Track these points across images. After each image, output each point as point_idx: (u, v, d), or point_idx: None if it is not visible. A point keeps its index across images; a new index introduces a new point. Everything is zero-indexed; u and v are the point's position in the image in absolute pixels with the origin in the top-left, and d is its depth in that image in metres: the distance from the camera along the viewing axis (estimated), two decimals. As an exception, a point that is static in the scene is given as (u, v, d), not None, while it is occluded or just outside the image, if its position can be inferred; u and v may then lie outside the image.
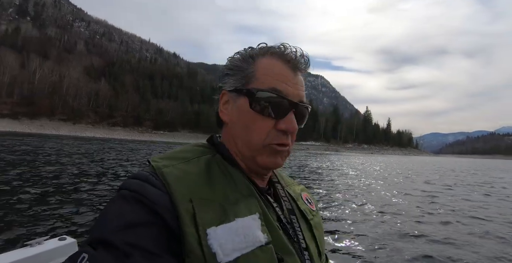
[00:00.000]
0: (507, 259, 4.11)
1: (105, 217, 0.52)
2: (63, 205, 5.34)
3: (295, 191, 0.81)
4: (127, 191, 0.54)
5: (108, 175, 9.18)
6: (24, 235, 3.85)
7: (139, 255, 0.46)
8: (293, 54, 0.66)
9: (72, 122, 75.34)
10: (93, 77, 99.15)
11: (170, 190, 0.53)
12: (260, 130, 0.63)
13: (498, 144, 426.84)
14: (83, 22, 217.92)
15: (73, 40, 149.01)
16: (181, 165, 0.60)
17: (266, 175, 0.71)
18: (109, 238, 0.47)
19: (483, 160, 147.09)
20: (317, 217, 0.80)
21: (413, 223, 5.82)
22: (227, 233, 0.52)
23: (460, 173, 22.77)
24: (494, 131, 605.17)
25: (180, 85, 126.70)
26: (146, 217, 0.50)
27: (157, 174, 0.56)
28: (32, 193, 6.09)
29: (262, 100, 0.63)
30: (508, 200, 9.52)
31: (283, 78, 0.65)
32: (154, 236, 0.48)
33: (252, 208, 0.58)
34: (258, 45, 0.70)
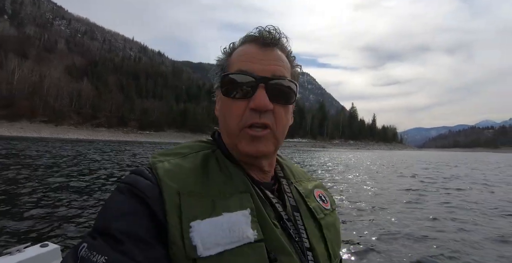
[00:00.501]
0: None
1: (103, 209, 0.55)
2: (45, 210, 5.21)
3: (306, 187, 0.77)
4: (122, 184, 0.57)
5: (93, 179, 9.07)
6: (3, 242, 3.74)
7: (130, 242, 0.48)
8: (257, 33, 0.65)
9: (54, 124, 73.36)
10: (75, 77, 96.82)
11: (160, 183, 0.55)
12: (234, 114, 0.62)
13: (478, 137, 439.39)
14: (63, 20, 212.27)
15: (53, 39, 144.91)
16: (176, 160, 0.62)
17: (261, 166, 0.68)
18: (105, 227, 0.50)
19: (465, 153, 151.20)
20: (330, 216, 0.75)
21: (407, 220, 5.90)
22: (211, 227, 0.52)
23: (452, 167, 23.49)
24: (474, 125, 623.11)
25: (165, 84, 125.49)
26: (137, 207, 0.52)
27: (151, 168, 0.59)
28: (11, 197, 5.97)
29: (227, 83, 0.62)
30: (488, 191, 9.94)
31: (248, 57, 0.63)
32: (144, 225, 0.50)
33: (244, 204, 0.57)
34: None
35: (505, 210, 6.83)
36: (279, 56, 0.65)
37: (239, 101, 0.62)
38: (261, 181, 0.67)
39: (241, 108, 0.61)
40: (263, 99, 0.60)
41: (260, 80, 0.61)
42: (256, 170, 0.68)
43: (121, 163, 13.97)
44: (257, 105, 0.59)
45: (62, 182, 7.97)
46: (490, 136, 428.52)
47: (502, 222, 5.88)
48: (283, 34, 0.67)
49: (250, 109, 0.61)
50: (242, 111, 0.61)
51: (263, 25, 0.65)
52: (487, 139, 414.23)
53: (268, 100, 0.60)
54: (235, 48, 0.69)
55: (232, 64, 0.65)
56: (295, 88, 0.65)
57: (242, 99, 0.61)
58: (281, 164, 0.77)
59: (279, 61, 0.65)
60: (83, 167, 11.81)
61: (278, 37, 0.66)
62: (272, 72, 0.62)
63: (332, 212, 0.77)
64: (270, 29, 0.66)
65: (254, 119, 0.60)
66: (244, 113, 0.61)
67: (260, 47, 0.64)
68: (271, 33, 0.65)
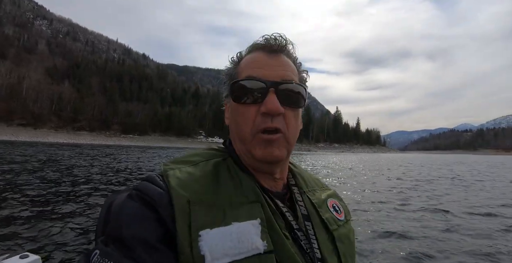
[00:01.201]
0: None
1: (115, 215, 0.56)
2: (25, 219, 5.00)
3: (319, 197, 0.75)
4: (134, 191, 0.57)
5: (74, 186, 8.72)
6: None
7: (142, 249, 0.49)
8: (264, 41, 0.67)
9: (33, 127, 71.11)
10: (56, 79, 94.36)
11: (169, 191, 0.55)
12: (246, 120, 0.62)
13: (457, 140, 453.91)
14: (45, 20, 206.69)
15: (33, 40, 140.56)
16: (187, 168, 0.62)
17: (273, 173, 0.67)
18: (117, 234, 0.51)
19: (446, 155, 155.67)
20: (344, 227, 0.73)
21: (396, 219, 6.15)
22: (220, 237, 0.51)
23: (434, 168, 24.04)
24: (453, 128, 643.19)
25: (150, 87, 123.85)
26: (147, 214, 0.53)
27: (162, 176, 0.60)
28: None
29: (240, 90, 0.63)
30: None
31: (256, 63, 0.65)
32: (155, 232, 0.51)
33: (254, 214, 0.56)
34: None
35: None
36: (286, 61, 0.67)
37: (250, 106, 0.62)
38: (272, 190, 0.66)
39: (253, 113, 0.62)
40: (274, 103, 0.60)
41: (270, 85, 0.61)
42: (267, 178, 0.67)
43: (104, 168, 13.61)
44: (269, 109, 0.60)
45: (40, 190, 7.68)
46: (468, 138, 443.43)
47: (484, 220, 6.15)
48: (289, 40, 0.68)
49: (261, 113, 0.61)
50: (254, 116, 0.62)
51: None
52: (466, 142, 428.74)
53: (279, 103, 0.61)
54: (242, 57, 0.70)
55: (241, 72, 0.66)
56: (304, 92, 0.66)
57: (253, 104, 0.62)
58: (293, 172, 0.76)
59: (287, 66, 0.66)
60: (63, 173, 11.37)
61: (284, 43, 0.67)
62: (281, 76, 0.63)
63: (346, 223, 0.75)
64: (276, 36, 0.67)
65: (266, 124, 0.61)
66: (256, 118, 0.62)
67: (268, 54, 0.66)
68: (278, 40, 0.67)
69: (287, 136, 0.63)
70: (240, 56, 0.71)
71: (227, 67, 0.72)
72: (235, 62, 0.71)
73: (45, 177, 10.10)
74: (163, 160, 19.71)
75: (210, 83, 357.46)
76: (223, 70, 0.73)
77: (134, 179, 10.87)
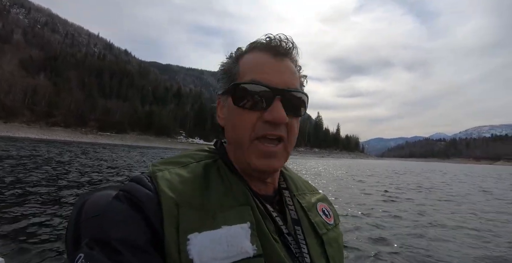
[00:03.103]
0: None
1: (101, 217, 0.54)
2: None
3: (309, 201, 0.74)
4: (121, 192, 0.56)
5: (45, 185, 8.28)
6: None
7: (129, 252, 0.47)
8: (273, 42, 0.64)
9: (3, 121, 67.72)
10: (31, 72, 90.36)
11: (158, 193, 0.54)
12: (246, 125, 0.60)
13: (432, 148, 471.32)
14: (22, 8, 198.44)
15: (9, 28, 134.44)
16: (177, 170, 0.60)
17: (266, 179, 0.67)
18: (103, 237, 0.49)
19: (422, 162, 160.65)
20: (333, 231, 0.73)
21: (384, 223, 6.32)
22: (209, 241, 0.51)
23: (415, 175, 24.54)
24: (428, 137, 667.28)
25: (131, 84, 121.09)
26: (135, 216, 0.51)
27: (151, 177, 0.58)
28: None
29: (241, 93, 0.61)
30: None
31: (262, 67, 0.62)
32: (143, 234, 0.50)
33: (244, 217, 0.56)
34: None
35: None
36: (291, 67, 0.65)
37: (251, 112, 0.60)
38: (262, 193, 0.65)
39: (254, 118, 0.60)
40: (281, 112, 0.59)
41: (276, 92, 0.60)
42: (258, 182, 0.66)
43: (78, 167, 12.96)
44: (275, 118, 0.58)
45: (8, 188, 7.29)
46: (442, 147, 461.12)
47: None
48: (295, 44, 0.66)
49: (265, 121, 0.59)
50: (254, 122, 0.60)
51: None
52: (440, 150, 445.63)
53: (283, 112, 0.60)
54: (243, 54, 0.67)
55: (243, 72, 0.63)
56: (306, 100, 0.65)
57: (256, 110, 0.60)
58: (284, 175, 0.75)
59: (292, 72, 0.64)
60: (33, 171, 10.64)
61: (290, 47, 0.65)
62: (287, 84, 0.61)
63: (335, 227, 0.75)
64: (282, 38, 0.64)
65: (267, 130, 0.59)
66: (256, 124, 0.60)
67: (273, 57, 0.63)
68: (283, 42, 0.64)
69: (287, 145, 0.62)
70: (240, 53, 0.67)
71: (224, 62, 0.69)
72: (234, 58, 0.67)
73: (13, 175, 9.44)
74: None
75: (192, 83, 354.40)
76: (222, 63, 0.69)
77: (111, 178, 10.37)
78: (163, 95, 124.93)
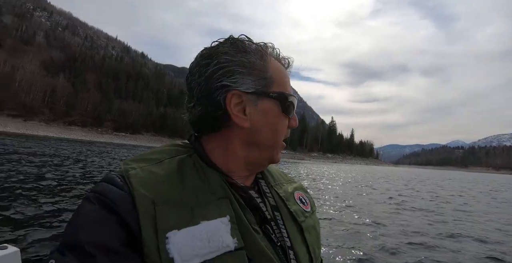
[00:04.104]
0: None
1: (71, 221, 0.51)
2: (4, 210, 4.88)
3: (286, 190, 0.76)
4: (92, 193, 0.53)
5: (59, 179, 8.45)
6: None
7: (103, 255, 0.45)
8: (286, 60, 0.69)
9: (23, 119, 69.42)
10: (51, 72, 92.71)
11: (133, 192, 0.52)
12: (284, 129, 0.66)
13: (449, 156, 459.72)
14: (44, 12, 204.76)
15: (31, 31, 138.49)
16: (150, 167, 0.58)
17: (258, 170, 0.71)
18: (74, 241, 0.46)
19: (440, 171, 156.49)
20: (311, 218, 0.74)
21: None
22: (189, 237, 0.49)
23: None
24: (446, 144, 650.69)
25: (146, 86, 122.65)
26: (108, 218, 0.49)
27: (123, 176, 0.55)
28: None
29: (290, 103, 0.64)
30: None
31: (287, 80, 0.67)
32: (117, 236, 0.48)
33: (223, 211, 0.55)
34: (239, 36, 0.66)
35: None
36: None
37: (287, 119, 0.66)
38: (239, 184, 0.63)
39: (286, 125, 0.66)
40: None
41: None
42: (246, 176, 0.67)
43: (94, 164, 12.86)
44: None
45: (22, 181, 7.47)
46: (460, 155, 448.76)
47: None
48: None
49: (290, 126, 0.67)
50: (286, 127, 0.67)
51: (253, 36, 0.66)
52: (457, 159, 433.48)
53: None
54: (267, 55, 0.65)
55: (280, 81, 0.65)
56: None
57: (289, 118, 0.66)
58: None
59: None
60: (49, 166, 10.84)
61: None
62: None
63: (313, 214, 0.77)
64: (290, 60, 0.70)
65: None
66: (286, 130, 0.67)
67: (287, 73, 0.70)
68: (290, 63, 0.70)
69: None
70: (263, 52, 0.64)
71: (249, 54, 0.62)
72: (262, 57, 0.64)
73: (30, 171, 9.54)
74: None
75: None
76: (237, 48, 0.62)
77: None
78: (178, 97, 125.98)
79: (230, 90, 0.60)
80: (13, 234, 3.97)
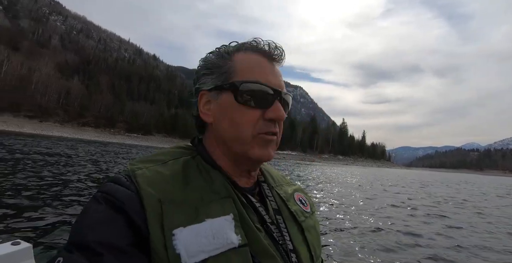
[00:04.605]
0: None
1: (79, 220, 0.52)
2: (18, 206, 4.94)
3: (287, 191, 0.78)
4: (99, 193, 0.55)
5: (69, 177, 8.53)
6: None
7: (110, 254, 0.46)
8: (266, 47, 0.68)
9: (39, 120, 71.03)
10: (66, 74, 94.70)
11: (140, 191, 0.53)
12: (248, 122, 0.63)
13: (464, 159, 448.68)
14: (60, 16, 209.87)
15: (47, 34, 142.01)
16: (156, 167, 0.60)
17: (254, 171, 0.71)
18: (82, 239, 0.48)
19: (455, 173, 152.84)
20: (311, 219, 0.77)
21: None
22: (194, 234, 0.51)
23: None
24: (460, 147, 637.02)
25: (158, 88, 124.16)
26: (115, 217, 0.50)
27: (130, 176, 0.57)
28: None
29: (246, 92, 0.63)
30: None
31: (263, 69, 0.66)
32: (124, 235, 0.49)
33: (227, 209, 0.57)
34: (230, 43, 0.70)
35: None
36: (280, 72, 0.69)
37: (254, 110, 0.63)
38: (242, 186, 0.67)
39: (256, 116, 0.63)
40: (282, 111, 0.64)
41: (277, 93, 0.65)
42: (242, 176, 0.69)
43: (103, 164, 12.93)
44: (278, 116, 0.64)
45: (35, 179, 7.52)
46: (475, 158, 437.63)
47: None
48: (284, 53, 0.70)
49: (268, 119, 0.63)
50: (256, 119, 0.63)
51: (263, 37, 0.68)
52: (472, 161, 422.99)
53: (284, 112, 0.66)
54: (231, 52, 0.68)
55: (242, 71, 0.65)
56: (291, 102, 0.72)
57: (259, 108, 0.63)
58: (261, 170, 0.78)
59: (282, 77, 0.69)
60: (59, 165, 10.92)
61: (284, 55, 0.69)
62: (282, 87, 0.67)
63: (312, 214, 0.79)
64: (277, 46, 0.68)
65: (270, 128, 0.64)
66: (258, 122, 0.63)
67: (270, 61, 0.68)
68: (279, 49, 0.68)
69: (278, 140, 0.67)
70: (229, 50, 0.68)
71: (213, 57, 0.69)
72: (226, 56, 0.68)
73: (45, 169, 9.63)
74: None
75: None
76: (205, 58, 0.70)
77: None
78: (188, 99, 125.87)
79: (199, 91, 0.68)
80: (25, 230, 3.98)
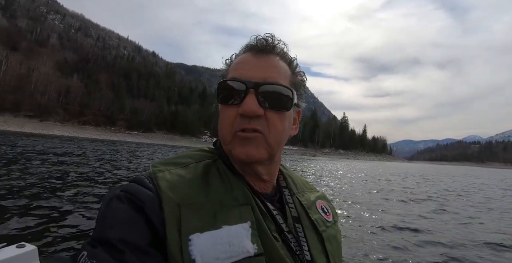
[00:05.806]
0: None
1: (101, 217, 0.54)
2: (23, 209, 4.96)
3: (309, 198, 0.76)
4: (122, 192, 0.56)
5: (73, 180, 8.46)
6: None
7: (130, 252, 0.47)
8: (254, 41, 0.66)
9: (39, 119, 71.11)
10: (65, 73, 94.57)
11: (160, 194, 0.54)
12: (227, 120, 0.62)
13: (465, 151, 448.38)
14: (58, 14, 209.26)
15: (45, 33, 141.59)
16: (177, 170, 0.60)
17: (258, 173, 0.66)
18: (104, 236, 0.49)
19: (457, 166, 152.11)
20: (332, 228, 0.74)
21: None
22: (211, 241, 0.51)
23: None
24: (461, 139, 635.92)
25: (157, 85, 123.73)
26: (136, 217, 0.51)
27: (151, 178, 0.58)
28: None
29: (221, 90, 0.63)
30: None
31: (242, 65, 0.64)
32: (144, 235, 0.50)
33: (244, 216, 0.56)
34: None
35: None
36: (275, 62, 0.65)
37: (231, 108, 0.62)
38: (261, 191, 0.66)
39: (233, 114, 0.61)
40: (250, 105, 0.59)
41: (250, 86, 0.60)
42: (256, 179, 0.67)
43: (104, 164, 12.99)
44: (244, 111, 0.59)
45: (40, 181, 7.52)
46: (476, 150, 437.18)
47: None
48: (280, 41, 0.67)
49: (240, 114, 0.60)
50: (233, 117, 0.61)
51: (261, 32, 0.67)
52: (473, 154, 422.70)
53: (257, 105, 0.60)
54: (234, 57, 0.70)
55: (229, 73, 0.66)
56: (291, 94, 0.64)
57: (235, 105, 0.62)
58: (284, 175, 0.76)
59: (274, 67, 0.64)
60: (64, 166, 10.95)
61: (273, 44, 0.66)
62: (264, 78, 0.62)
63: (334, 224, 0.76)
64: (267, 37, 0.66)
65: (243, 125, 0.60)
66: (235, 119, 0.61)
67: (254, 55, 0.65)
68: (267, 41, 0.65)
69: (267, 137, 0.61)
70: (232, 57, 0.70)
71: (222, 69, 0.71)
72: (228, 63, 0.70)
73: (47, 169, 9.65)
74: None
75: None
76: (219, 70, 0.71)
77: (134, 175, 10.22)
78: (188, 95, 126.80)
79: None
80: (30, 233, 3.99)
